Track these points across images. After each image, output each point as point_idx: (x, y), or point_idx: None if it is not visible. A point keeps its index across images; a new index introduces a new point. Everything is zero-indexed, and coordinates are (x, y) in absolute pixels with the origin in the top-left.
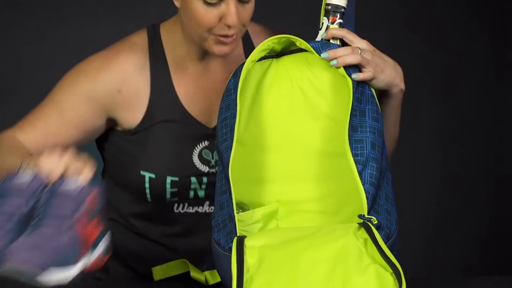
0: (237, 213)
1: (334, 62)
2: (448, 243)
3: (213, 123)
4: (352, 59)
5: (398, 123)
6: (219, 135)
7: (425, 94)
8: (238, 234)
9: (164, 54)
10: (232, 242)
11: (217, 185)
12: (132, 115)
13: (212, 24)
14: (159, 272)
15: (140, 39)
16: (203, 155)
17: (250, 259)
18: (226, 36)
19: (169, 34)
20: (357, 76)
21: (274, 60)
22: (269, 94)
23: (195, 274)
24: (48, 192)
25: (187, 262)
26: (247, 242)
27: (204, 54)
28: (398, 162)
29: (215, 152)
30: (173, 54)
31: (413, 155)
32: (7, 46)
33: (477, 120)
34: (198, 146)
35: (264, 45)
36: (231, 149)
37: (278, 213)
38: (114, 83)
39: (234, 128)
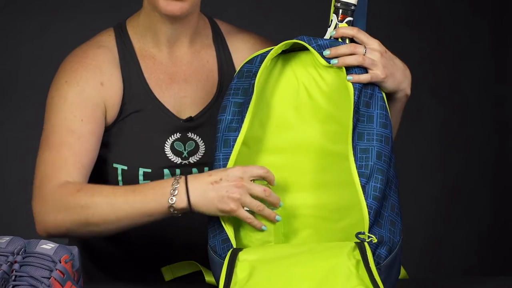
0: None
1: (335, 61)
2: (448, 243)
3: (184, 114)
4: (352, 60)
5: (397, 127)
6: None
7: (426, 94)
8: (232, 241)
9: (132, 45)
10: (228, 251)
11: None
12: (112, 109)
13: None
14: (168, 272)
15: (106, 36)
16: (175, 146)
17: (240, 272)
18: None
19: (134, 26)
20: (352, 78)
21: (281, 56)
22: (274, 91)
23: (210, 278)
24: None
25: (197, 264)
26: (241, 256)
27: (169, 40)
28: (398, 162)
29: (187, 144)
30: (140, 44)
31: (414, 155)
32: (6, 45)
33: (477, 120)
34: (170, 138)
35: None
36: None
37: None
38: (94, 77)
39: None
